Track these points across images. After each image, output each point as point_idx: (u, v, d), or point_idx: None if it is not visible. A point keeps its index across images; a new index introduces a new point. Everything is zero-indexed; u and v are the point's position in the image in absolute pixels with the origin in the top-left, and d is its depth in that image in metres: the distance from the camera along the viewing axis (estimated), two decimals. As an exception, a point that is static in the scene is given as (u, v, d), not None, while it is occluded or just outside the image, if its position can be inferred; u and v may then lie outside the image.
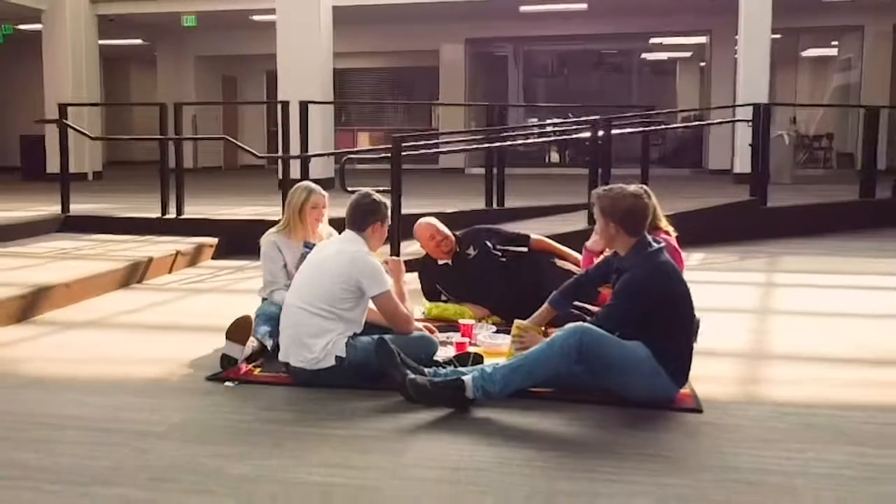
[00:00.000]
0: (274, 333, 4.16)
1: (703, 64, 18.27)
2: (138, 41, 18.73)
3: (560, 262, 5.11)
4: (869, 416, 3.43)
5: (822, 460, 2.97)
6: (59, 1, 14.26)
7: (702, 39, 17.24)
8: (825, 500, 2.65)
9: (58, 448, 3.11)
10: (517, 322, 3.90)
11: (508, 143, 8.92)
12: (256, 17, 15.28)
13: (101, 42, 15.46)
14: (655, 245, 3.67)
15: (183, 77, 18.56)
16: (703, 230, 8.59)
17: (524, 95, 19.47)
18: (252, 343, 4.10)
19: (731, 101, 13.40)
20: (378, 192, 4.16)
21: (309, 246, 4.53)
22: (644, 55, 19.72)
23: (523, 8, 15.01)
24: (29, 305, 5.25)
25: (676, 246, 4.49)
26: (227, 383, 3.87)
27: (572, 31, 16.84)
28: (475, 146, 10.46)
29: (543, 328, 3.89)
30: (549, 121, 17.41)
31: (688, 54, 19.35)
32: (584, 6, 14.72)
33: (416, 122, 19.48)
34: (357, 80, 19.69)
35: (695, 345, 4.49)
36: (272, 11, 12.87)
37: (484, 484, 2.80)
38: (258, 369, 4.04)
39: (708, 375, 3.91)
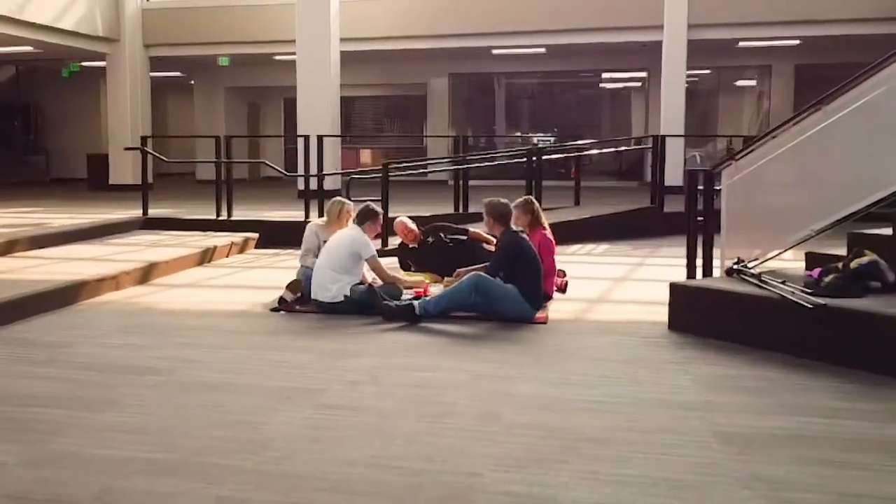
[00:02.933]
0: (308, 286, 6.59)
1: (648, 92, 20.70)
2: (177, 73, 21.17)
3: (486, 246, 7.51)
4: (634, 326, 5.85)
5: (593, 341, 5.41)
6: (120, 46, 16.69)
7: (643, 74, 19.67)
8: (577, 357, 5.09)
9: (196, 339, 5.53)
10: (447, 278, 6.42)
11: (465, 166, 11.39)
12: (278, 57, 17.67)
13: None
14: (516, 230, 6.13)
15: (215, 104, 20.99)
16: (616, 228, 11.03)
17: (506, 115, 21.82)
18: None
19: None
20: (373, 201, 6.62)
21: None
22: (605, 85, 22.13)
23: (495, 51, 17.47)
24: (145, 274, 7.68)
25: (550, 237, 6.91)
26: (281, 312, 6.31)
27: (537, 68, 19.36)
28: (439, 169, 12.91)
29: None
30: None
31: (638, 84, 21.75)
32: (542, 49, 17.17)
33: (409, 140, 21.88)
34: (360, 106, 22.03)
35: (563, 294, 6.92)
36: (291, 53, 15.26)
37: (418, 349, 5.25)
38: (298, 305, 6.46)
39: (563, 310, 6.34)
